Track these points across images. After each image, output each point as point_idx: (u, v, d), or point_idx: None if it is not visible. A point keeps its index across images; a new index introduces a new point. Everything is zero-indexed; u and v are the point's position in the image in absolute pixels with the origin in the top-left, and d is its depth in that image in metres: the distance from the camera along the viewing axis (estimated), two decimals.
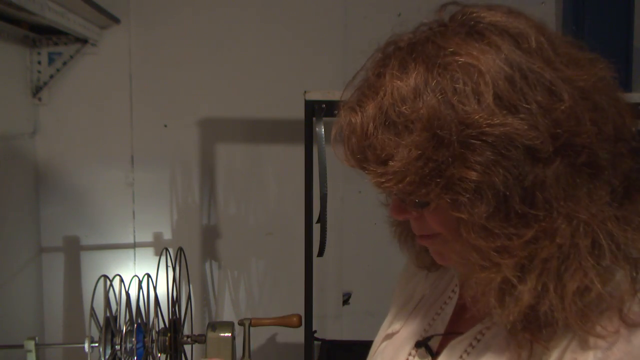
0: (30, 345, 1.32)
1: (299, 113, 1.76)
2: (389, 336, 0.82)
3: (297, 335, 1.84)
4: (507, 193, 0.57)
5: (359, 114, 0.62)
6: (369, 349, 0.89)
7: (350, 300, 2.34)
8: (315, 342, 2.00)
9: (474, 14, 0.62)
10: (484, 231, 0.59)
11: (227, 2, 2.20)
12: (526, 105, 0.56)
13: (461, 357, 0.70)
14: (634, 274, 0.60)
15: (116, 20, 2.10)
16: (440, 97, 0.57)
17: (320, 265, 1.92)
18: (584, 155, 0.58)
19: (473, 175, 0.57)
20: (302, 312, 1.70)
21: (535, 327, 0.61)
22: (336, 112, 0.68)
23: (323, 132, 1.73)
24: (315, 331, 1.96)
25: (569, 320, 0.59)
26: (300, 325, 1.64)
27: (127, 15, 2.15)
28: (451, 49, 0.59)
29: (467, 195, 0.58)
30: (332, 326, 2.31)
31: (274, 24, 2.21)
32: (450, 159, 0.57)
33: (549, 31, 0.62)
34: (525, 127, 0.56)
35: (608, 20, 2.14)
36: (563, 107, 0.57)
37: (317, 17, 2.22)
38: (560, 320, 0.60)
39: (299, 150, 1.78)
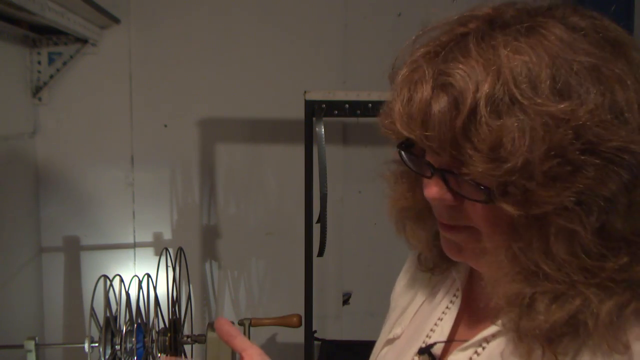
0: (30, 345, 1.32)
1: (299, 113, 1.76)
2: (390, 341, 0.80)
3: (297, 335, 1.84)
4: (621, 213, 0.54)
5: (466, 82, 0.52)
6: (369, 349, 0.88)
7: (350, 300, 2.34)
8: (315, 342, 2.00)
9: (575, 18, 0.56)
10: (580, 246, 0.54)
11: (227, 2, 2.20)
12: None
13: None
14: None
15: (116, 20, 2.10)
16: (589, 101, 0.52)
17: (320, 265, 1.92)
18: None
19: (607, 191, 0.53)
20: (302, 312, 1.70)
21: (557, 336, 0.58)
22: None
23: (323, 132, 1.73)
24: (315, 331, 1.96)
25: (597, 331, 0.57)
26: (300, 325, 1.64)
27: (127, 15, 2.15)
28: (582, 48, 0.53)
29: (588, 208, 0.53)
30: (332, 326, 2.31)
31: (274, 24, 2.21)
32: (591, 167, 0.52)
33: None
34: None
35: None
36: None
37: (317, 17, 2.22)
38: (585, 333, 0.57)
39: (299, 150, 1.78)
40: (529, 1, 0.59)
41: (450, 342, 0.72)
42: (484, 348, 0.68)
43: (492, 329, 0.66)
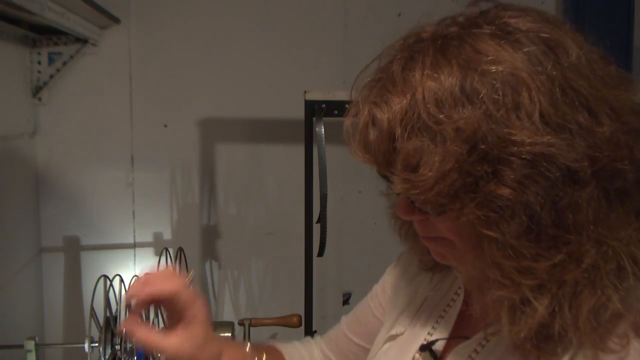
0: (30, 345, 1.32)
1: (299, 113, 1.76)
2: (392, 338, 0.81)
3: (297, 335, 1.83)
4: (542, 214, 0.55)
5: (385, 110, 0.57)
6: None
7: (350, 300, 2.34)
8: None
9: (512, 19, 0.58)
10: (511, 250, 0.56)
11: (227, 2, 2.20)
12: (568, 125, 0.54)
13: None
14: None
15: (116, 20, 2.10)
16: (481, 108, 0.54)
17: (320, 265, 1.92)
18: (619, 181, 0.56)
19: (510, 193, 0.54)
20: (302, 312, 1.70)
21: (543, 343, 0.60)
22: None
23: (323, 132, 1.73)
24: (315, 331, 1.96)
25: (583, 338, 0.58)
26: (300, 325, 1.64)
27: (127, 15, 2.15)
28: (491, 57, 0.55)
29: (500, 213, 0.55)
30: (332, 326, 2.31)
31: (274, 24, 2.21)
32: (489, 174, 0.54)
33: (584, 43, 0.59)
34: (566, 147, 0.54)
35: (608, 20, 2.14)
36: (602, 130, 0.55)
37: (317, 17, 2.22)
38: (574, 339, 0.58)
39: (299, 150, 1.78)
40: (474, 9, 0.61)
41: (451, 340, 0.73)
42: (483, 346, 0.68)
43: (491, 328, 0.66)
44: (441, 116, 0.55)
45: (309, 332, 1.82)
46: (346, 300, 2.34)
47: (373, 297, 0.93)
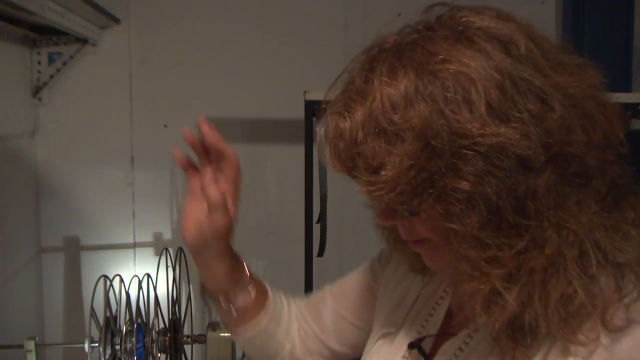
0: (30, 345, 1.32)
1: (299, 113, 1.76)
2: (384, 335, 0.82)
3: None
4: (500, 203, 0.56)
5: (348, 119, 0.60)
6: None
7: None
8: None
9: (463, 19, 0.60)
10: (475, 241, 0.58)
11: (227, 2, 2.20)
12: (518, 114, 0.56)
13: (452, 359, 0.70)
14: (620, 281, 0.60)
15: (116, 20, 2.10)
16: (432, 105, 0.56)
17: (320, 265, 1.91)
18: (574, 165, 0.58)
19: (465, 185, 0.56)
20: None
21: (518, 334, 0.61)
22: (320, 114, 0.68)
23: None
24: None
25: (551, 328, 0.59)
26: None
27: (127, 15, 2.15)
28: (441, 56, 0.57)
29: (460, 206, 0.57)
30: None
31: (274, 24, 2.21)
32: (443, 169, 0.56)
33: (538, 35, 0.61)
34: (517, 136, 0.55)
35: (608, 20, 2.14)
36: (555, 117, 0.56)
37: (317, 17, 2.22)
38: (544, 328, 0.60)
39: (299, 150, 1.78)
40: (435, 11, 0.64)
41: (440, 336, 0.74)
42: (467, 343, 0.70)
43: (474, 324, 0.68)
44: (395, 117, 0.57)
45: None
46: None
47: (366, 270, 0.95)
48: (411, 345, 0.76)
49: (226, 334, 1.42)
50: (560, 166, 0.57)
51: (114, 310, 1.34)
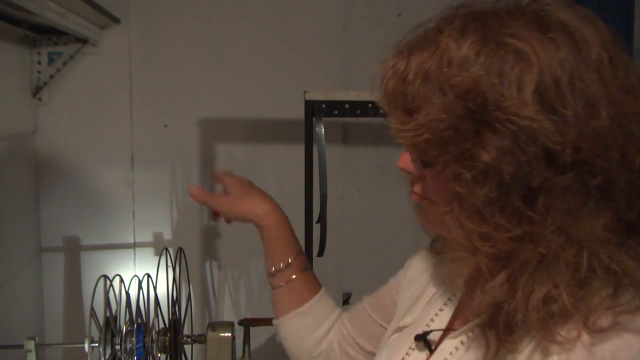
0: (30, 345, 1.32)
1: (299, 113, 1.76)
2: (399, 329, 0.83)
3: None
4: (511, 186, 0.57)
5: (405, 59, 0.63)
6: None
7: (350, 300, 2.34)
8: None
9: (548, 7, 0.61)
10: (475, 213, 0.60)
11: (227, 2, 2.20)
12: (562, 110, 0.56)
13: (451, 353, 0.71)
14: (614, 290, 0.59)
15: (116, 20, 2.10)
16: (484, 72, 0.57)
17: (320, 265, 1.91)
18: (599, 178, 0.57)
19: (485, 156, 0.57)
20: None
21: (501, 327, 0.62)
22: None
23: (323, 132, 1.73)
24: None
25: (527, 324, 0.60)
26: None
27: (127, 15, 2.15)
28: (511, 30, 0.58)
29: (472, 174, 0.58)
30: None
31: (274, 24, 2.21)
32: (470, 133, 0.58)
33: (617, 50, 0.61)
34: (553, 129, 0.56)
35: (608, 20, 2.14)
36: (597, 125, 0.56)
37: (317, 17, 2.22)
38: (520, 323, 0.60)
39: (299, 150, 1.78)
40: None
41: (446, 331, 0.75)
42: (468, 337, 0.70)
43: (477, 320, 0.69)
44: (447, 70, 0.59)
45: None
46: (346, 300, 2.34)
47: (395, 279, 0.96)
48: (417, 338, 0.76)
49: (226, 334, 1.42)
50: (585, 174, 0.57)
51: (114, 310, 1.34)
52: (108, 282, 1.34)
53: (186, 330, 1.48)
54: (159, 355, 1.38)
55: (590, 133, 0.56)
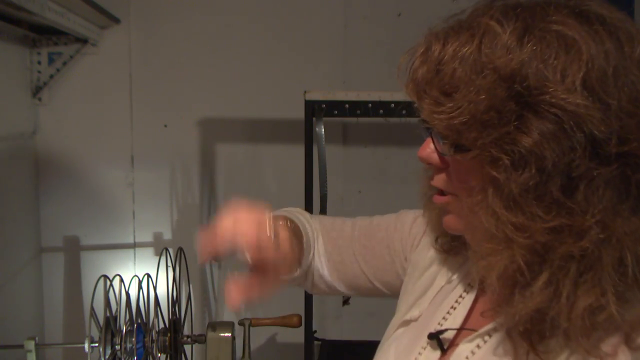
0: (30, 345, 1.32)
1: (299, 113, 1.76)
2: (406, 322, 0.81)
3: (297, 335, 1.84)
4: (552, 174, 0.55)
5: (442, 42, 0.61)
6: (369, 349, 0.88)
7: (350, 300, 2.34)
8: (315, 342, 2.00)
9: (589, 3, 0.60)
10: (511, 201, 0.57)
11: (227, 2, 2.20)
12: (608, 100, 0.55)
13: (467, 357, 0.69)
14: None
15: (116, 20, 2.10)
16: (530, 56, 0.56)
17: None
18: None
19: (528, 141, 0.55)
20: (302, 312, 1.70)
21: (535, 335, 0.60)
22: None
23: (323, 132, 1.73)
24: (315, 331, 1.96)
25: (571, 333, 0.58)
26: (300, 325, 1.64)
27: (127, 15, 2.15)
28: (556, 18, 0.57)
29: (512, 159, 0.56)
30: (332, 326, 2.31)
31: (274, 24, 2.21)
32: (513, 116, 0.56)
33: None
34: (600, 117, 0.54)
35: None
36: None
37: (317, 17, 2.22)
38: (562, 334, 0.58)
39: (299, 150, 1.78)
40: None
41: (460, 330, 0.73)
42: (485, 342, 0.69)
43: (496, 323, 0.67)
44: (488, 51, 0.57)
45: (309, 332, 1.82)
46: (346, 300, 2.34)
47: (395, 233, 0.89)
48: (430, 336, 0.74)
49: (226, 334, 1.42)
50: (629, 166, 0.56)
51: (114, 310, 1.34)
52: (108, 282, 1.34)
53: (186, 330, 1.48)
54: (159, 355, 1.38)
55: (635, 125, 0.55)
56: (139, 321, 1.36)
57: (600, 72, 0.55)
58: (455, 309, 0.76)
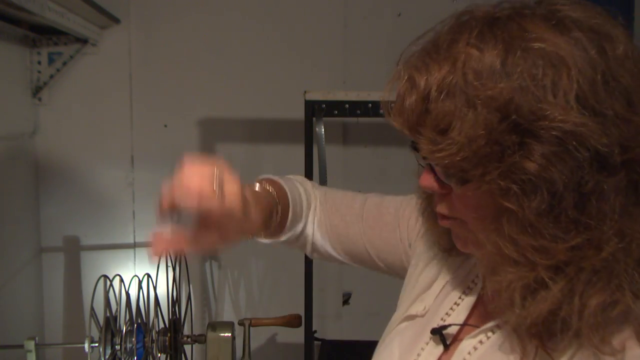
0: (30, 345, 1.32)
1: (299, 113, 1.76)
2: (410, 317, 0.80)
3: (297, 335, 1.84)
4: (564, 194, 0.55)
5: (425, 74, 0.59)
6: (369, 349, 0.88)
7: (350, 300, 2.34)
8: (315, 342, 2.00)
9: (564, 7, 0.59)
10: (529, 227, 0.57)
11: (227, 2, 2.20)
12: (604, 110, 0.55)
13: (469, 353, 0.69)
14: None
15: (116, 20, 2.10)
16: (518, 81, 0.55)
17: (320, 265, 1.92)
18: None
19: (533, 167, 0.55)
20: (302, 312, 1.70)
21: (546, 333, 0.60)
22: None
23: (323, 132, 1.74)
24: (315, 331, 1.96)
25: (582, 330, 0.58)
26: (300, 325, 1.64)
27: (127, 15, 2.15)
28: (535, 35, 0.56)
29: (521, 187, 0.55)
30: (332, 326, 2.31)
31: (274, 24, 2.21)
32: (516, 145, 0.55)
33: (632, 43, 0.60)
34: (599, 131, 0.54)
35: None
36: (638, 121, 0.55)
37: (317, 17, 2.22)
38: (573, 330, 0.58)
39: (299, 150, 1.78)
40: None
41: (463, 326, 0.73)
42: (488, 338, 0.69)
43: (499, 320, 0.67)
44: (477, 83, 0.56)
45: (309, 332, 1.82)
46: (346, 300, 2.34)
47: (405, 220, 0.89)
48: (433, 331, 0.74)
49: (226, 334, 1.42)
50: (635, 172, 0.56)
51: (114, 310, 1.34)
52: (108, 282, 1.34)
53: (186, 330, 1.48)
54: (159, 355, 1.38)
55: (633, 130, 0.55)
56: (139, 321, 1.36)
57: (590, 82, 0.55)
58: (458, 305, 0.76)
